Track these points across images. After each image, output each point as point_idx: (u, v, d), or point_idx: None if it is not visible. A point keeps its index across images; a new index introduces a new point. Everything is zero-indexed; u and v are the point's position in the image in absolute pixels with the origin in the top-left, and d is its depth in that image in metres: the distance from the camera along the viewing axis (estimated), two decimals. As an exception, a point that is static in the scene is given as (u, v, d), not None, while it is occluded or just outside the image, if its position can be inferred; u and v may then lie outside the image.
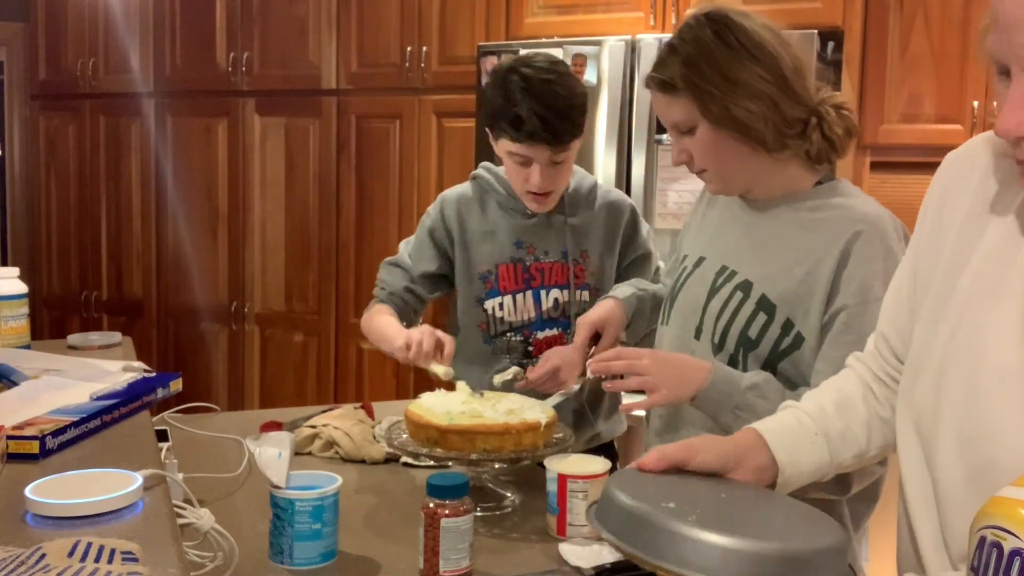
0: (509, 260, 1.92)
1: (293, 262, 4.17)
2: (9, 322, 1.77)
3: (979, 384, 0.97)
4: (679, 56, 1.44)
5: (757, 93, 1.41)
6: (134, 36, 4.37)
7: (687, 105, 1.44)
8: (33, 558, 0.81)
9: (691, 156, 1.49)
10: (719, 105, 1.41)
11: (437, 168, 3.86)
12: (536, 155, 1.78)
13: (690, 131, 1.46)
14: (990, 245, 1.00)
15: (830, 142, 1.46)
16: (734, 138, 1.43)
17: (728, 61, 1.41)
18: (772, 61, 1.42)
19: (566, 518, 1.39)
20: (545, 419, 1.50)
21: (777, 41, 1.44)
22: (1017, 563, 0.77)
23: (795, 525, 1.04)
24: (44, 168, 4.71)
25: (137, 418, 1.36)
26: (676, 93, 1.44)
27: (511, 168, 1.85)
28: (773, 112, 1.41)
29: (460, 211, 1.95)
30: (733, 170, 1.48)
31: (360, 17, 3.93)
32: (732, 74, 1.41)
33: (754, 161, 1.46)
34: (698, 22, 1.45)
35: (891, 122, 3.49)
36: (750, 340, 1.45)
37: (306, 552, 1.26)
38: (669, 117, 1.48)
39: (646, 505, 1.00)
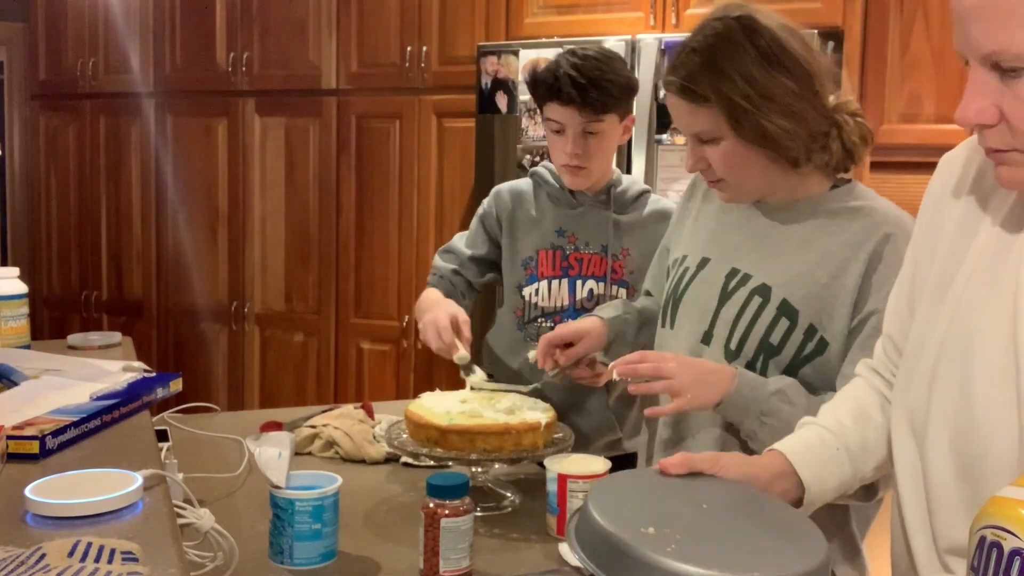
0: (550, 247, 1.98)
1: (293, 262, 4.17)
2: (9, 322, 1.77)
3: (970, 379, 0.98)
4: (704, 59, 1.36)
5: (789, 109, 1.35)
6: (134, 36, 4.37)
7: (715, 117, 1.37)
8: (33, 558, 0.81)
9: (708, 165, 1.43)
10: (751, 121, 1.34)
11: (437, 168, 3.86)
12: (569, 119, 1.85)
13: (712, 141, 1.40)
14: (983, 244, 1.01)
15: (848, 151, 1.43)
16: (762, 154, 1.38)
17: (761, 71, 1.34)
18: (804, 74, 1.36)
19: (566, 518, 1.39)
20: (545, 419, 1.50)
21: (804, 49, 1.38)
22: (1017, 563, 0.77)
23: (776, 548, 1.02)
24: (44, 168, 4.71)
25: (137, 418, 1.36)
26: (703, 103, 1.37)
27: (551, 141, 1.92)
28: (803, 127, 1.37)
29: (512, 200, 2.03)
30: (753, 182, 1.44)
31: (360, 17, 3.93)
32: (764, 87, 1.34)
33: (776, 174, 1.42)
34: (727, 27, 1.36)
35: (891, 122, 3.49)
36: (772, 346, 1.41)
37: (306, 552, 1.26)
38: (691, 126, 1.41)
39: (622, 529, 0.97)
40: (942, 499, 1.00)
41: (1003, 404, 0.94)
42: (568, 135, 1.87)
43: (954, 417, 0.99)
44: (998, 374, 0.95)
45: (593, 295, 1.96)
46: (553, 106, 1.87)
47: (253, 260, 4.23)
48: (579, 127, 1.86)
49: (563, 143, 1.88)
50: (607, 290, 1.95)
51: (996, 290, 0.98)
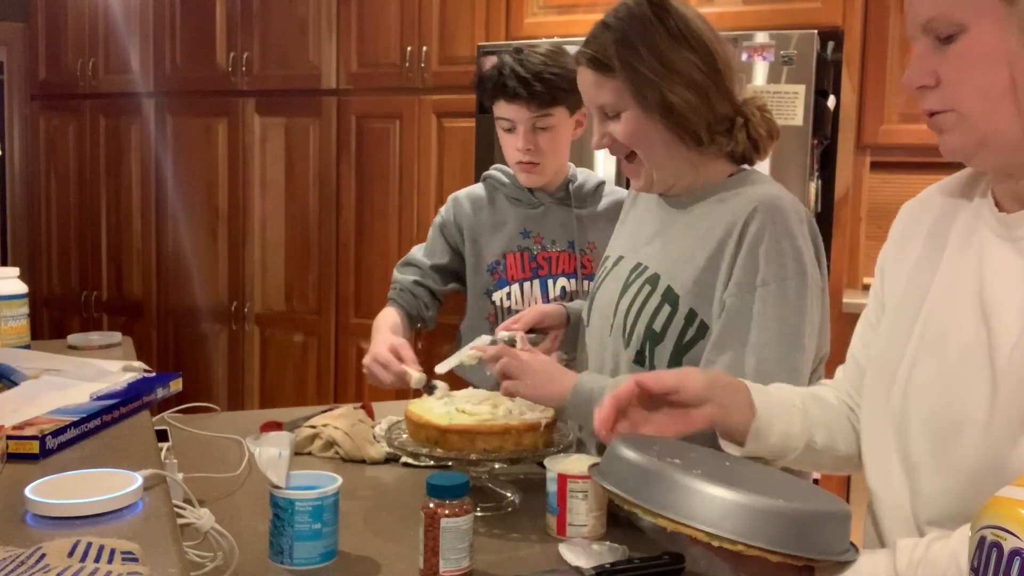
0: (516, 249, 1.98)
1: (293, 262, 4.17)
2: (9, 322, 1.77)
3: (945, 365, 1.02)
4: (614, 34, 1.40)
5: (692, 83, 1.38)
6: (134, 36, 4.37)
7: (619, 88, 1.41)
8: (33, 558, 0.81)
9: (613, 141, 1.45)
10: (654, 91, 1.38)
11: (437, 168, 3.86)
12: (517, 115, 1.86)
13: (616, 115, 1.43)
14: (951, 255, 1.07)
15: (754, 142, 1.46)
16: (664, 126, 1.40)
17: (668, 46, 1.38)
18: (708, 53, 1.39)
19: (566, 518, 1.39)
20: (545, 419, 1.50)
21: (713, 35, 1.42)
22: (1017, 563, 0.77)
23: (801, 490, 1.03)
24: (44, 168, 4.71)
25: (137, 418, 1.36)
26: (609, 73, 1.40)
27: (503, 140, 1.93)
28: (705, 105, 1.39)
29: (470, 207, 2.03)
30: (658, 159, 1.44)
31: (360, 17, 3.93)
32: (670, 59, 1.37)
33: (678, 153, 1.44)
34: (637, 2, 1.41)
35: (891, 122, 3.49)
36: (655, 333, 1.44)
37: (306, 552, 1.26)
38: (596, 98, 1.44)
39: (651, 459, 0.98)
40: (923, 475, 1.03)
41: (976, 380, 0.98)
42: (519, 132, 1.88)
43: (930, 400, 1.03)
44: (970, 350, 1.00)
45: (566, 292, 1.97)
46: (501, 104, 1.88)
47: (253, 260, 4.23)
48: (528, 123, 1.87)
49: (514, 140, 1.89)
50: (579, 286, 1.96)
51: (963, 287, 1.03)
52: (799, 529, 0.93)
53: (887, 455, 1.09)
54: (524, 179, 1.95)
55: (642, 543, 1.39)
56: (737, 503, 0.92)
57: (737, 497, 0.92)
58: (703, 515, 0.92)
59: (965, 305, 1.02)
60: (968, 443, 0.98)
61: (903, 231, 1.18)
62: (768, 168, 3.08)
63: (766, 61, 3.07)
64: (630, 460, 1.00)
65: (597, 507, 1.38)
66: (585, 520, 1.38)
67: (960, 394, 1.00)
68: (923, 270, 1.10)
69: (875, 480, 1.12)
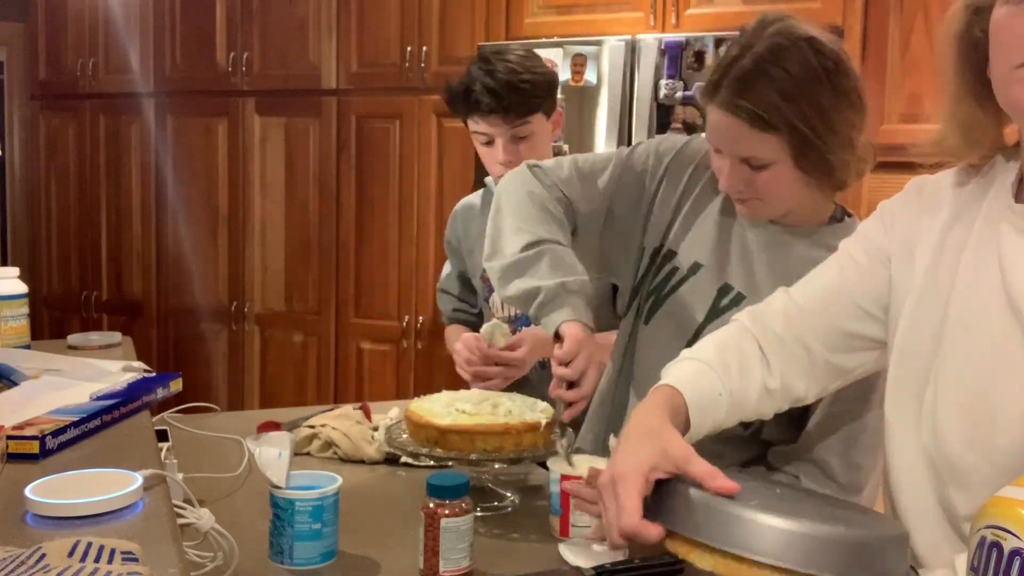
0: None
1: (293, 262, 4.17)
2: (9, 322, 1.76)
3: (976, 355, 1.03)
4: (777, 85, 1.26)
5: (849, 142, 1.31)
6: (134, 36, 4.37)
7: (777, 146, 1.29)
8: (33, 558, 0.81)
9: (746, 186, 1.34)
10: (815, 153, 1.29)
11: (437, 168, 3.86)
12: (494, 130, 1.82)
13: (762, 167, 1.32)
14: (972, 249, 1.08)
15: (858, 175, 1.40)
16: (814, 182, 1.33)
17: (831, 104, 1.28)
18: (861, 105, 1.32)
19: (569, 519, 1.39)
20: (545, 419, 1.50)
21: (861, 81, 1.33)
22: (1017, 563, 0.77)
23: (858, 515, 1.03)
24: (44, 168, 4.71)
25: (137, 418, 1.36)
26: (770, 131, 1.28)
27: (482, 153, 1.88)
28: (854, 158, 1.33)
29: (463, 220, 2.05)
30: (789, 204, 1.38)
31: (360, 17, 3.93)
32: (833, 121, 1.28)
33: (811, 196, 1.37)
34: (800, 50, 1.27)
35: (891, 122, 3.49)
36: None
37: (306, 552, 1.26)
38: (745, 151, 1.31)
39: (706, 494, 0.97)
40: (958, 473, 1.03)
41: (1012, 371, 0.99)
42: (498, 145, 1.83)
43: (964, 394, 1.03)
44: (1005, 346, 1.01)
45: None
46: (475, 119, 1.82)
47: (253, 260, 4.23)
48: (507, 134, 1.81)
49: (494, 153, 1.84)
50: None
51: (986, 280, 1.04)
52: (862, 556, 0.92)
53: (916, 451, 1.08)
54: None
55: (634, 544, 1.39)
56: (802, 533, 0.91)
57: (800, 527, 0.91)
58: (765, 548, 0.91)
59: (991, 298, 1.03)
60: (1008, 434, 0.99)
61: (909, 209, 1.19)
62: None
63: (766, 61, 3.07)
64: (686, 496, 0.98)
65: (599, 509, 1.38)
66: (588, 521, 1.37)
67: (996, 386, 1.00)
68: (944, 264, 1.10)
69: (902, 475, 1.11)
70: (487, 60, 1.83)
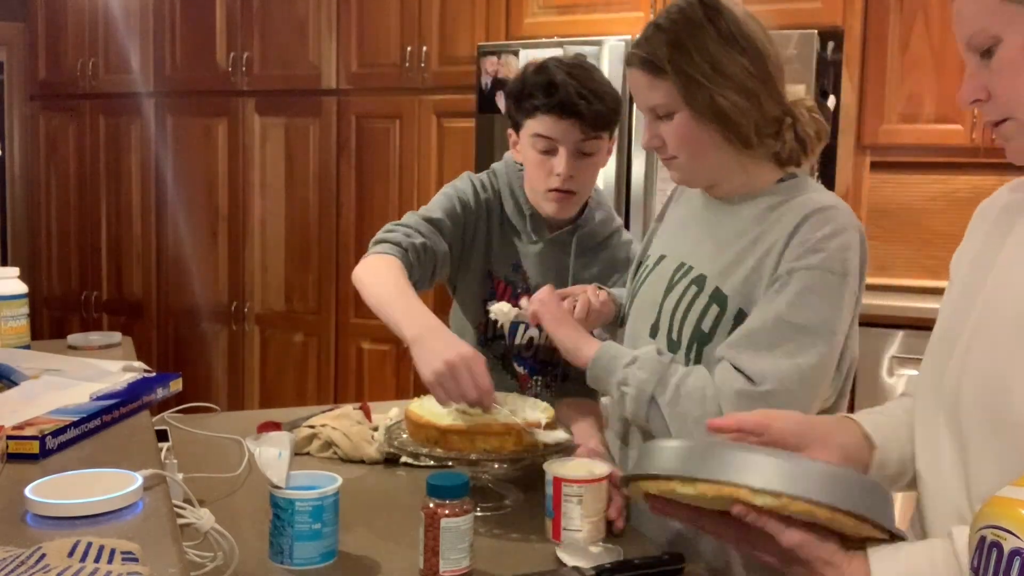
0: (503, 278, 1.83)
1: (293, 262, 4.17)
2: (9, 322, 1.77)
3: (998, 343, 1.02)
4: (667, 36, 1.40)
5: (743, 87, 1.38)
6: (134, 36, 4.37)
7: (670, 90, 1.40)
8: (33, 558, 0.81)
9: (663, 142, 1.45)
10: (705, 94, 1.37)
11: (437, 168, 3.86)
12: (565, 135, 1.65)
13: (667, 116, 1.42)
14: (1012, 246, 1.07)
15: (802, 143, 1.44)
16: (714, 130, 1.40)
17: (719, 49, 1.37)
18: (759, 55, 1.39)
19: (560, 522, 1.39)
20: (545, 419, 1.50)
21: (764, 36, 1.42)
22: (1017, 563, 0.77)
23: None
24: (44, 168, 4.71)
25: (137, 418, 1.36)
26: (661, 75, 1.40)
27: (534, 161, 1.70)
28: (755, 108, 1.39)
29: (487, 207, 1.82)
30: (704, 161, 1.44)
31: (360, 17, 3.93)
32: (721, 63, 1.37)
33: (727, 155, 1.43)
34: (689, 4, 1.41)
35: (891, 122, 3.49)
36: (704, 334, 1.42)
37: (306, 552, 1.26)
38: (648, 99, 1.43)
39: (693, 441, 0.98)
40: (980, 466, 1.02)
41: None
42: (561, 154, 1.66)
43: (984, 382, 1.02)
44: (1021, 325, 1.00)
45: (533, 343, 1.81)
46: (546, 119, 1.65)
47: (253, 260, 4.23)
48: (574, 145, 1.66)
49: (552, 164, 1.67)
50: (548, 340, 1.68)
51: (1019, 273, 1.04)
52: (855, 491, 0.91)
53: (938, 441, 1.08)
54: (553, 208, 1.72)
55: (638, 545, 1.39)
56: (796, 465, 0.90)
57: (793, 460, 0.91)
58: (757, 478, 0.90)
59: (1020, 290, 1.03)
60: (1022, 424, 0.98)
61: (971, 229, 1.19)
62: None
63: (766, 61, 3.08)
64: (670, 445, 0.98)
65: (592, 512, 1.37)
66: (580, 525, 1.36)
67: (1014, 372, 0.99)
68: (984, 258, 1.11)
69: (924, 466, 1.11)
70: (561, 61, 1.68)
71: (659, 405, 1.38)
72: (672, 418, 1.37)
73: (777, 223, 1.40)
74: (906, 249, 3.81)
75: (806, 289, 1.33)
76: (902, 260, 3.81)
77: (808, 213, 1.37)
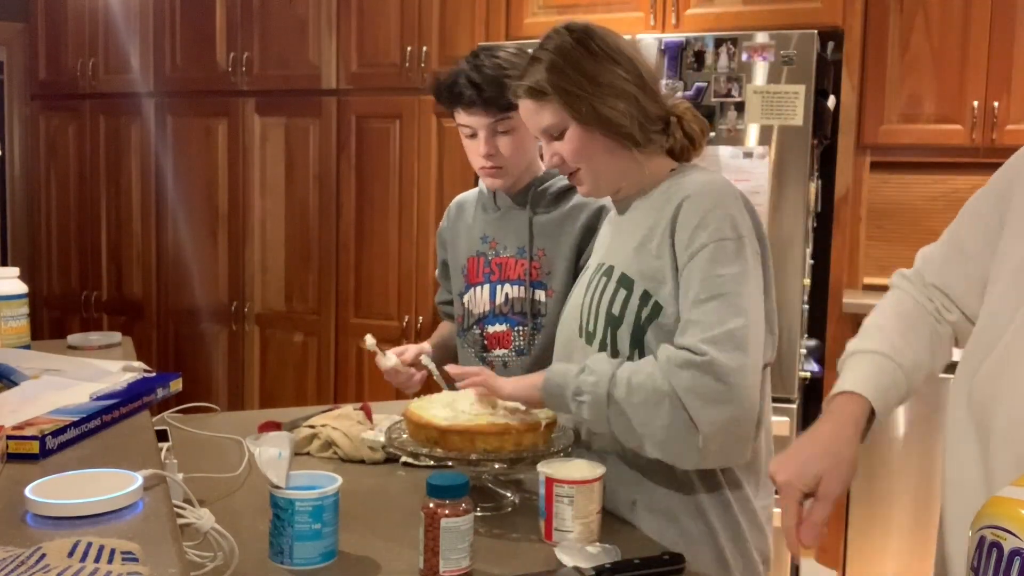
0: (476, 253, 1.98)
1: (293, 262, 4.17)
2: (9, 322, 1.77)
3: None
4: (544, 63, 1.53)
5: (621, 92, 1.50)
6: (134, 36, 4.37)
7: (556, 109, 1.52)
8: (33, 558, 0.81)
9: (563, 159, 1.56)
10: (587, 105, 1.50)
11: (437, 168, 3.86)
12: (476, 122, 1.85)
13: (559, 135, 1.54)
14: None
15: (689, 138, 1.56)
16: (603, 136, 1.52)
17: (591, 64, 1.51)
18: (630, 63, 1.52)
19: (552, 522, 1.39)
20: (545, 419, 1.50)
21: (633, 49, 1.56)
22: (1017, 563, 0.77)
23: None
24: (44, 168, 4.71)
25: (137, 418, 1.36)
26: (544, 99, 1.53)
27: (466, 146, 1.92)
28: (637, 109, 1.50)
29: (455, 213, 2.08)
30: (603, 167, 1.55)
31: (360, 17, 3.93)
32: (596, 76, 1.50)
33: (622, 158, 1.54)
34: (558, 33, 1.55)
35: (891, 122, 3.49)
36: (614, 316, 1.50)
37: (306, 552, 1.26)
38: (539, 123, 1.56)
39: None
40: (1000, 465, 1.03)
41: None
42: (480, 137, 1.87)
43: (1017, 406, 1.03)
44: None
45: (508, 299, 1.93)
46: (459, 111, 1.87)
47: (253, 260, 4.23)
48: (489, 128, 1.85)
49: (476, 146, 1.88)
50: (526, 293, 1.91)
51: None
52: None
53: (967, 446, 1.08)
54: (489, 183, 1.94)
55: (634, 544, 1.39)
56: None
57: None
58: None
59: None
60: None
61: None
62: (769, 167, 3.08)
63: (766, 61, 3.07)
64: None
65: (583, 513, 1.37)
66: (571, 526, 1.37)
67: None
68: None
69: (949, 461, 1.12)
70: (476, 55, 1.87)
71: (616, 401, 1.40)
72: (631, 408, 1.39)
73: (666, 204, 1.50)
74: (906, 249, 3.80)
75: (709, 263, 1.41)
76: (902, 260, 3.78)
77: (689, 193, 1.47)
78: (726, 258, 1.40)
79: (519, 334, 1.92)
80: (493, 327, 1.94)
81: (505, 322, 1.94)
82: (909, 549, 3.30)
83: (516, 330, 1.92)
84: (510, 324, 1.93)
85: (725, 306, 1.38)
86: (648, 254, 1.49)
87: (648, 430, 1.37)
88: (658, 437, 1.37)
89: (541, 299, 1.90)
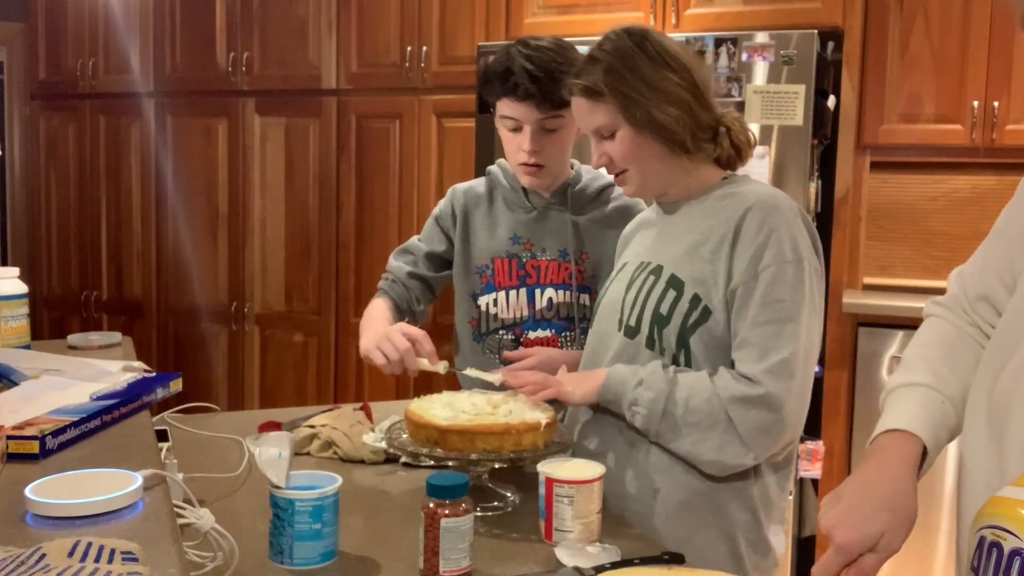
0: (505, 255, 1.91)
1: (293, 262, 4.18)
2: (9, 322, 1.77)
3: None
4: (602, 64, 1.56)
5: (675, 99, 1.53)
6: (134, 36, 4.37)
7: (610, 110, 1.55)
8: (33, 558, 0.81)
9: (611, 160, 1.59)
10: (642, 109, 1.53)
11: (437, 168, 3.86)
12: (526, 116, 1.79)
13: (610, 135, 1.57)
14: None
15: (737, 149, 1.59)
16: (654, 140, 1.55)
17: (648, 69, 1.54)
18: (686, 71, 1.55)
19: (552, 522, 1.39)
20: (545, 419, 1.50)
21: (689, 57, 1.58)
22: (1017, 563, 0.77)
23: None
24: (44, 168, 4.71)
25: (137, 418, 1.36)
26: (600, 99, 1.55)
27: (506, 139, 1.86)
28: (689, 117, 1.54)
29: (467, 202, 1.98)
30: (651, 171, 1.59)
31: (360, 17, 3.93)
32: (652, 81, 1.53)
33: (671, 162, 1.57)
34: (618, 35, 1.58)
35: (891, 122, 3.49)
36: (661, 316, 1.53)
37: (306, 552, 1.26)
38: (591, 122, 1.58)
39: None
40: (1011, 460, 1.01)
41: None
42: (525, 132, 1.80)
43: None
44: None
45: (552, 304, 1.89)
46: (508, 102, 1.80)
47: (253, 260, 4.23)
48: (537, 123, 1.80)
49: (520, 141, 1.82)
50: (571, 298, 1.87)
51: None
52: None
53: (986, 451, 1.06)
54: (527, 181, 1.87)
55: (635, 544, 1.39)
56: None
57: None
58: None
59: None
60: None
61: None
62: (769, 167, 3.08)
63: (766, 61, 3.07)
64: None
65: (583, 513, 1.37)
66: (571, 526, 1.37)
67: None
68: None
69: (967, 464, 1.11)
70: (527, 43, 1.81)
71: (671, 417, 1.48)
72: (686, 427, 1.48)
73: (723, 212, 1.54)
74: (906, 249, 3.80)
75: (770, 285, 1.46)
76: (902, 260, 3.81)
77: (751, 205, 1.50)
78: (786, 282, 1.46)
79: (567, 339, 1.89)
80: (535, 332, 1.90)
81: (549, 327, 1.90)
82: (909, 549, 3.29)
83: (563, 336, 1.89)
84: (555, 330, 1.90)
85: (782, 332, 1.45)
86: (700, 258, 1.52)
87: (698, 448, 1.48)
88: (707, 457, 1.47)
89: (587, 303, 1.88)
